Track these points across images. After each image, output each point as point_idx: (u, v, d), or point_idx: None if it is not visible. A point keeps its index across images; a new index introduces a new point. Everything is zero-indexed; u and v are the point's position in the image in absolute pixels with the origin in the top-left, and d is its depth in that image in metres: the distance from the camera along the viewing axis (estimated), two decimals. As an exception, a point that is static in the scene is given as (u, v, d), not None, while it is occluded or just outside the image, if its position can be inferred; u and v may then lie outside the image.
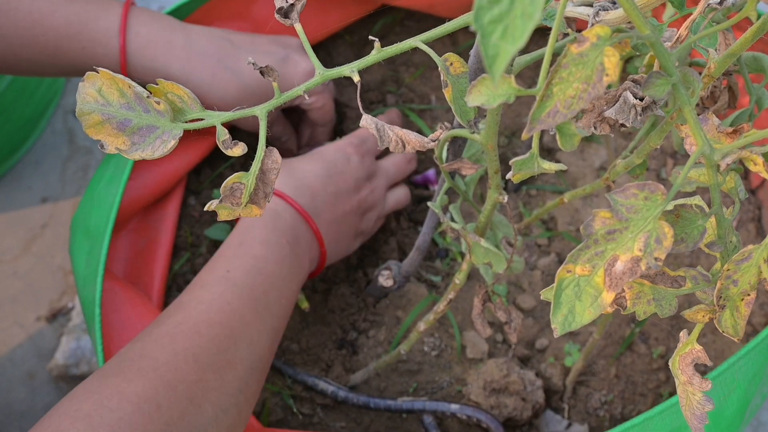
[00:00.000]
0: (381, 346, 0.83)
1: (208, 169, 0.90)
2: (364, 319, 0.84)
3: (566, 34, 0.58)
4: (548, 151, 0.92)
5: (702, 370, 0.69)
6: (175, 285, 0.85)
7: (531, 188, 0.92)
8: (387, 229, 0.89)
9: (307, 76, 0.80)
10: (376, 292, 0.84)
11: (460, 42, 0.99)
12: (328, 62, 0.96)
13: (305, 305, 0.83)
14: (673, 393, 0.81)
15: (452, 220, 0.66)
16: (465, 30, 0.99)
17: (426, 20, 1.00)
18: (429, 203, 0.66)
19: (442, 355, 0.82)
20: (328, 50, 0.96)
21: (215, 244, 0.87)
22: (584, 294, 0.39)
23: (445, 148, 0.64)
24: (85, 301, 0.76)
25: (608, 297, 0.38)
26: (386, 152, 0.89)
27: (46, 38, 0.75)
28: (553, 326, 0.39)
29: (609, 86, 0.40)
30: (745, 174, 0.93)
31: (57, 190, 1.23)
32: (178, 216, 0.85)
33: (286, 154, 0.89)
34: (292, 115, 0.90)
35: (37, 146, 1.24)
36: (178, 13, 0.83)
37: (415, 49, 0.96)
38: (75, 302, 1.16)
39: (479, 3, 0.28)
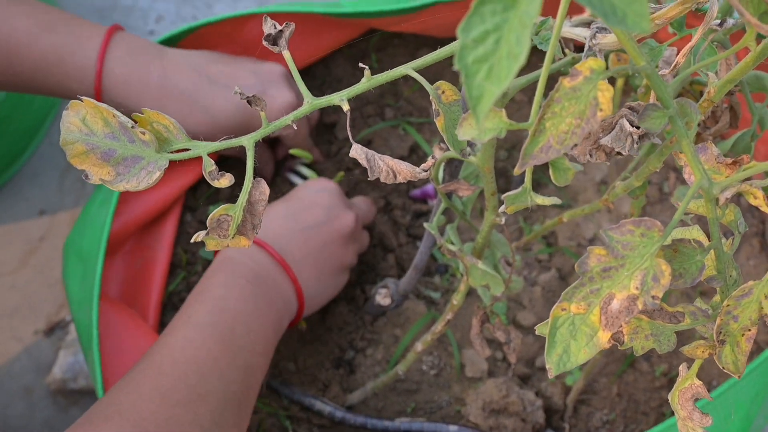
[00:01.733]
0: (379, 365, 0.81)
1: (204, 185, 0.89)
2: (362, 337, 0.83)
3: (564, 54, 0.57)
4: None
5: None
6: (170, 304, 0.84)
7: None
8: (385, 246, 0.88)
9: (284, 110, 0.79)
10: (373, 310, 0.83)
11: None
12: (326, 75, 0.95)
13: (302, 325, 0.82)
14: (675, 413, 0.80)
15: (449, 240, 0.65)
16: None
17: (422, 34, 0.99)
18: (426, 224, 0.65)
19: (440, 374, 0.81)
20: (326, 63, 0.95)
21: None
22: (579, 333, 0.38)
23: (442, 168, 0.63)
24: (80, 326, 0.75)
25: (604, 336, 0.37)
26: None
27: (23, 68, 0.75)
28: (547, 366, 0.38)
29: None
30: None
31: (55, 202, 1.22)
32: (176, 236, 0.85)
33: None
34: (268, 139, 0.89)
35: (34, 158, 1.23)
36: (168, 42, 0.82)
37: (425, 48, 0.95)
38: (73, 315, 1.15)
39: (463, 42, 0.27)
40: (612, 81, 0.83)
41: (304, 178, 0.90)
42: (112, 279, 0.80)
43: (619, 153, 0.43)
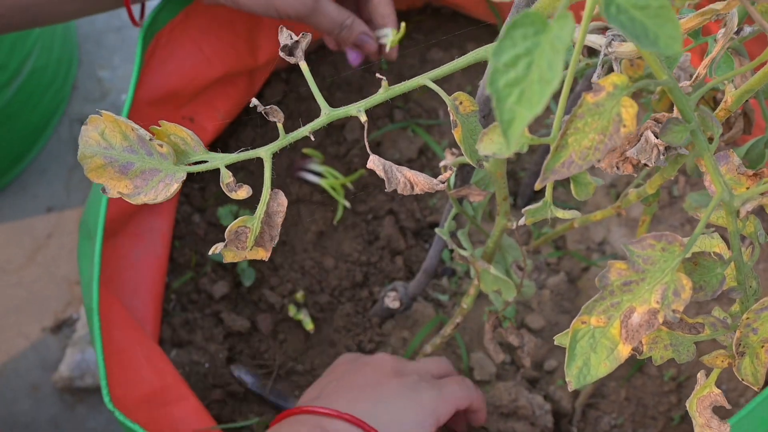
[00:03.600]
0: (388, 368, 0.82)
1: (213, 185, 0.89)
2: (370, 339, 0.83)
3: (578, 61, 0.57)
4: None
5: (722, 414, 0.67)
6: (179, 304, 0.84)
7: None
8: (393, 249, 0.88)
9: None
10: (382, 312, 0.83)
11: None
12: (334, 75, 0.95)
13: (310, 327, 0.82)
14: (684, 416, 0.80)
15: (460, 246, 0.65)
16: (475, 40, 0.98)
17: (433, 33, 0.99)
18: (436, 229, 0.65)
19: (449, 377, 0.81)
20: (334, 63, 0.95)
21: (221, 265, 0.86)
22: (600, 346, 0.38)
23: (453, 174, 0.63)
24: (87, 308, 0.74)
25: (625, 350, 0.37)
26: None
27: None
28: (567, 379, 0.38)
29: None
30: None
31: (62, 199, 1.22)
32: (172, 229, 0.84)
33: (363, 45, 0.82)
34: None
35: (42, 155, 1.23)
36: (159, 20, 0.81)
37: (423, 64, 0.95)
38: (80, 313, 1.15)
39: (495, 66, 0.27)
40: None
41: (317, 174, 0.89)
42: (114, 262, 0.77)
43: (645, 165, 0.43)
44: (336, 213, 0.89)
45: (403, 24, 0.78)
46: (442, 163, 0.62)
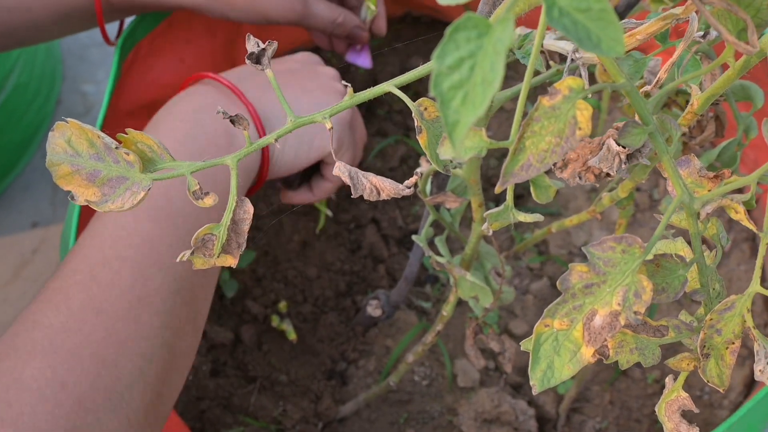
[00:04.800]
0: (371, 377, 0.82)
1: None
2: (354, 348, 0.83)
3: (548, 66, 0.57)
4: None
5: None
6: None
7: (521, 210, 0.90)
8: (375, 256, 0.88)
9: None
10: (365, 321, 0.83)
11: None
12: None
13: (293, 336, 0.82)
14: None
15: (438, 253, 0.65)
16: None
17: (414, 42, 0.99)
18: (414, 237, 0.65)
19: (432, 385, 0.81)
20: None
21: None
22: (563, 349, 0.38)
23: (429, 180, 0.63)
24: None
25: (588, 352, 0.37)
26: None
27: None
28: (531, 383, 0.38)
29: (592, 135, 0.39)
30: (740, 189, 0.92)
31: (48, 214, 1.22)
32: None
33: (356, 37, 0.82)
34: None
35: (27, 170, 1.23)
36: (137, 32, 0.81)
37: (403, 72, 0.95)
38: (67, 328, 1.15)
39: (438, 69, 0.27)
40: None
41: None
42: None
43: (608, 174, 0.43)
44: (318, 222, 0.89)
45: None
46: (417, 170, 0.62)
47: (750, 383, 0.81)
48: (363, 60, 0.85)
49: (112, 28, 0.82)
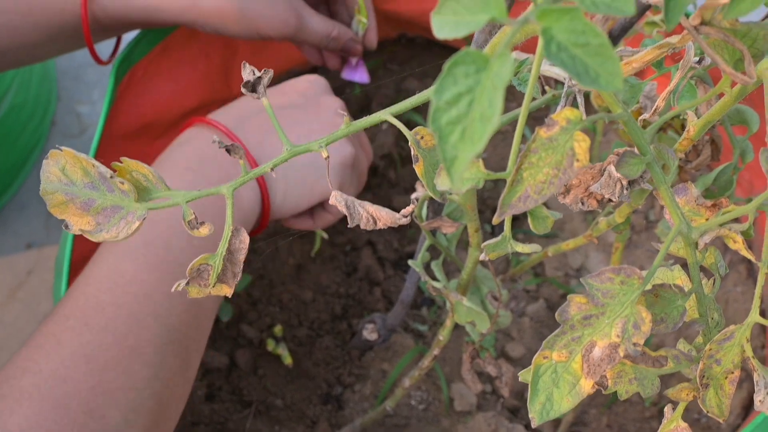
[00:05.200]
0: (367, 401, 0.81)
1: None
2: (350, 372, 0.83)
3: (544, 91, 0.57)
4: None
5: None
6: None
7: (518, 232, 0.90)
8: (371, 279, 0.88)
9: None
10: (360, 345, 0.82)
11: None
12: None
13: (288, 361, 0.81)
14: (665, 443, 0.79)
15: (434, 277, 0.65)
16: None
17: (409, 63, 0.99)
18: (410, 261, 0.65)
19: (429, 409, 0.81)
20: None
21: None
22: (562, 381, 0.37)
23: (425, 205, 0.63)
24: None
25: (587, 384, 0.37)
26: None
27: None
28: (531, 416, 0.37)
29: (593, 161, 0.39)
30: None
31: (42, 235, 1.21)
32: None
33: (350, 50, 0.82)
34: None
35: (21, 191, 1.23)
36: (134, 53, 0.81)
37: (398, 94, 0.95)
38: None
39: (436, 104, 0.27)
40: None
41: None
42: None
43: (610, 200, 0.43)
44: (314, 245, 0.89)
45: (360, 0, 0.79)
46: (413, 195, 0.62)
47: (748, 405, 0.81)
48: (360, 75, 0.85)
49: (105, 47, 0.82)
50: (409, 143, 0.43)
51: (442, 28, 0.29)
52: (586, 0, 0.28)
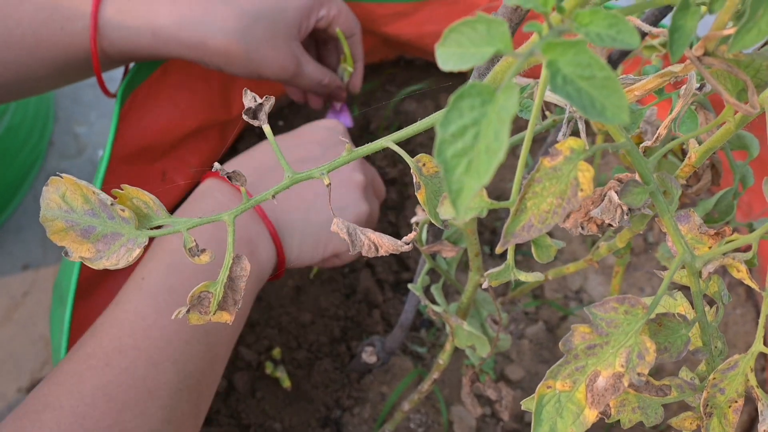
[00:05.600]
0: (366, 424, 0.81)
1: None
2: (348, 395, 0.82)
3: (545, 116, 0.57)
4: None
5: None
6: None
7: (517, 254, 0.90)
8: (370, 302, 0.87)
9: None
10: (359, 367, 0.82)
11: (443, 104, 0.98)
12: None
13: (287, 384, 0.81)
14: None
15: (434, 301, 0.65)
16: (448, 92, 0.98)
17: (407, 84, 0.99)
18: (410, 285, 0.64)
19: (428, 432, 0.80)
20: (308, 112, 0.95)
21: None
22: (566, 411, 0.37)
23: (425, 229, 0.63)
24: None
25: (591, 414, 0.37)
26: None
27: (22, 30, 0.70)
28: (533, 446, 0.37)
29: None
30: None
31: (39, 256, 1.21)
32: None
33: (335, 96, 0.84)
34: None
35: (18, 212, 1.22)
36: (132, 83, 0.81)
37: (397, 116, 0.95)
38: (57, 371, 1.13)
39: (442, 136, 0.27)
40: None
41: None
42: (87, 325, 0.76)
43: (610, 225, 0.43)
44: (312, 267, 0.88)
45: (347, 50, 0.83)
46: (413, 219, 0.62)
47: (748, 429, 0.81)
48: (344, 119, 0.89)
49: (110, 75, 0.82)
50: (411, 170, 0.42)
51: (446, 61, 0.29)
52: (591, 33, 0.28)
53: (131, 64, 0.80)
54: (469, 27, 0.28)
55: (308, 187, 0.72)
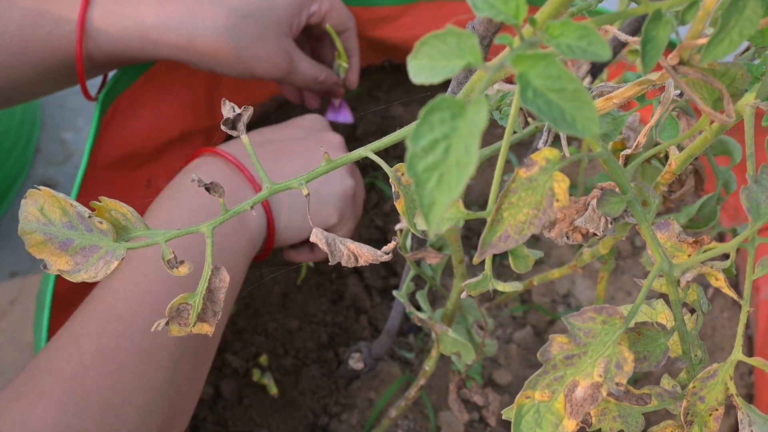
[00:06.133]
0: (354, 431, 0.80)
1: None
2: (336, 402, 0.82)
3: (527, 123, 0.57)
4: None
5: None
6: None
7: (505, 259, 0.90)
8: (358, 307, 0.87)
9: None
10: (347, 374, 0.82)
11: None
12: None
13: (274, 391, 0.81)
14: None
15: (419, 308, 0.65)
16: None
17: (394, 89, 0.99)
18: (394, 292, 0.64)
19: (416, 439, 0.80)
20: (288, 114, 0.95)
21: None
22: (545, 421, 0.37)
23: (409, 236, 0.63)
24: None
25: (570, 424, 0.37)
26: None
27: (10, 34, 0.70)
28: (513, 456, 0.37)
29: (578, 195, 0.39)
30: (721, 238, 0.92)
31: (26, 263, 1.20)
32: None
33: (333, 93, 0.85)
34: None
35: (5, 219, 1.22)
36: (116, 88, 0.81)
37: (384, 120, 0.95)
38: (45, 379, 1.13)
39: (413, 150, 0.27)
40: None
41: None
42: None
43: (595, 234, 0.43)
44: (300, 273, 0.88)
45: (339, 45, 0.83)
46: (397, 226, 0.61)
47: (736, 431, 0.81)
48: (344, 116, 0.88)
49: (93, 82, 0.81)
50: (390, 180, 0.42)
51: (418, 74, 0.29)
52: (563, 44, 0.28)
53: (111, 73, 0.79)
54: (439, 40, 0.28)
55: (296, 156, 0.73)
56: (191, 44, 0.72)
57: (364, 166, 0.95)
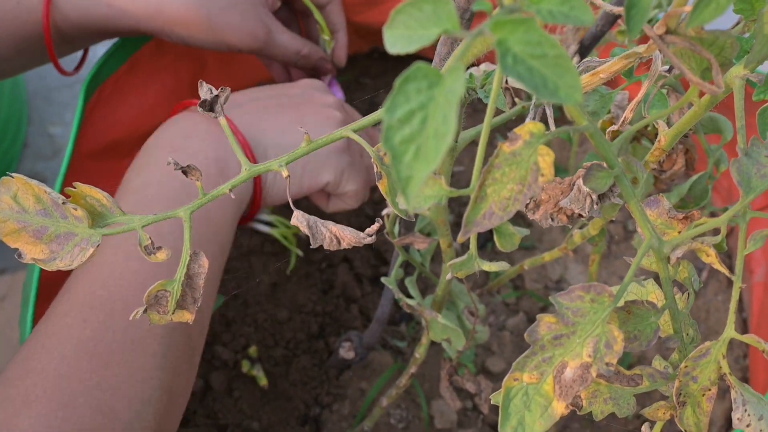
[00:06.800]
0: (345, 421, 0.79)
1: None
2: (327, 392, 0.81)
3: (514, 103, 0.56)
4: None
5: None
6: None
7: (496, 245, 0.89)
8: (348, 296, 0.86)
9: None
10: (338, 363, 0.81)
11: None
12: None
13: (264, 382, 0.80)
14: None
15: (408, 294, 0.64)
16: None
17: (382, 77, 0.98)
18: (383, 279, 0.63)
19: (409, 428, 0.79)
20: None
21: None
22: (533, 403, 0.36)
23: (397, 221, 0.62)
24: None
25: (559, 406, 0.36)
26: None
27: None
28: (501, 440, 0.36)
29: (563, 176, 0.38)
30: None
31: (16, 260, 1.19)
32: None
33: (321, 69, 0.82)
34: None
35: (-7, 215, 1.20)
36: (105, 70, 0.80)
37: (372, 108, 0.94)
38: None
39: (388, 122, 0.26)
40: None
41: (268, 224, 0.87)
42: None
43: (580, 215, 0.42)
44: (289, 263, 0.87)
45: (319, 18, 0.81)
46: (384, 211, 0.60)
47: (730, 416, 0.80)
48: (335, 94, 0.85)
49: (73, 61, 0.80)
50: (372, 159, 0.41)
51: (394, 44, 0.27)
52: (543, 10, 0.27)
53: (90, 56, 0.78)
54: (415, 8, 0.27)
55: (282, 111, 0.70)
56: (160, 12, 0.70)
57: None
